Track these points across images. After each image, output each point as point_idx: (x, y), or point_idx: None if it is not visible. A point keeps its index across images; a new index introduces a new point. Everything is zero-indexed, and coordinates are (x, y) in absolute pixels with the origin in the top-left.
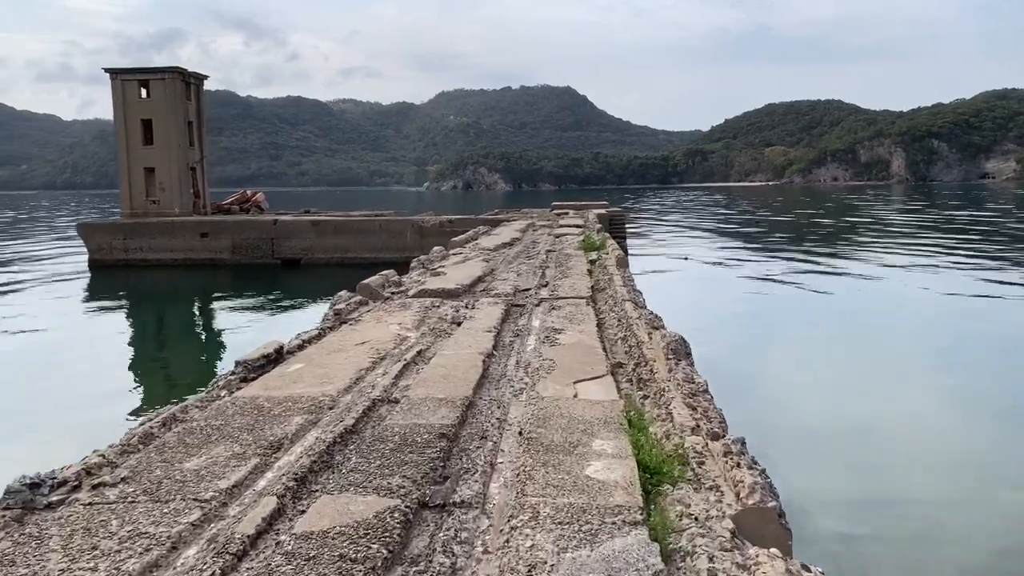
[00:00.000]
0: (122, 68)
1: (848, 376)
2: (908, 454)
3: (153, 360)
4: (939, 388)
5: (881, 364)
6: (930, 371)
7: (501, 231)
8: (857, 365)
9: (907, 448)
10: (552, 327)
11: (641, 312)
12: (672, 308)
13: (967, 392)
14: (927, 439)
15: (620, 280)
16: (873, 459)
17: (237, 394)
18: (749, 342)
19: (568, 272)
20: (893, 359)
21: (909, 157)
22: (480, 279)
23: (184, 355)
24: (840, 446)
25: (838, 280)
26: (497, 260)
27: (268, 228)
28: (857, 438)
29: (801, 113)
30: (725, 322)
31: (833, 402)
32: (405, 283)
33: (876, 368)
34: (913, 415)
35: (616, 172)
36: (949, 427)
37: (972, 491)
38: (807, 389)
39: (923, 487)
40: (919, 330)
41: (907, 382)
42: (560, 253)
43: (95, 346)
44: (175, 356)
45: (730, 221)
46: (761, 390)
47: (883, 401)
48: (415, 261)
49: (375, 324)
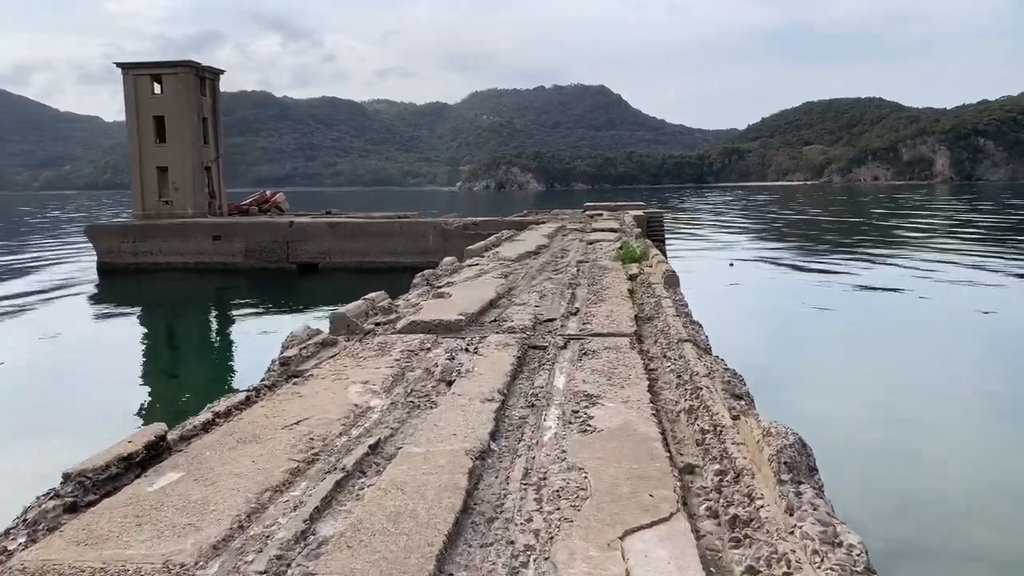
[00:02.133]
0: (134, 62)
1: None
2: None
3: (154, 376)
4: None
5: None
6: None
7: (527, 236)
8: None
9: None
10: (584, 392)
11: (710, 363)
12: (721, 320)
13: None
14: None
15: (672, 308)
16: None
17: (14, 561)
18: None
19: (604, 293)
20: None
21: (954, 156)
22: (492, 303)
23: (188, 372)
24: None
25: (921, 300)
26: (518, 275)
27: (283, 230)
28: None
29: (840, 111)
30: (780, 337)
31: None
32: (398, 308)
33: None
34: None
35: (650, 171)
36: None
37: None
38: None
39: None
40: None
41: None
42: (594, 265)
43: (94, 360)
44: (179, 372)
45: (777, 221)
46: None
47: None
48: (418, 276)
49: (332, 382)
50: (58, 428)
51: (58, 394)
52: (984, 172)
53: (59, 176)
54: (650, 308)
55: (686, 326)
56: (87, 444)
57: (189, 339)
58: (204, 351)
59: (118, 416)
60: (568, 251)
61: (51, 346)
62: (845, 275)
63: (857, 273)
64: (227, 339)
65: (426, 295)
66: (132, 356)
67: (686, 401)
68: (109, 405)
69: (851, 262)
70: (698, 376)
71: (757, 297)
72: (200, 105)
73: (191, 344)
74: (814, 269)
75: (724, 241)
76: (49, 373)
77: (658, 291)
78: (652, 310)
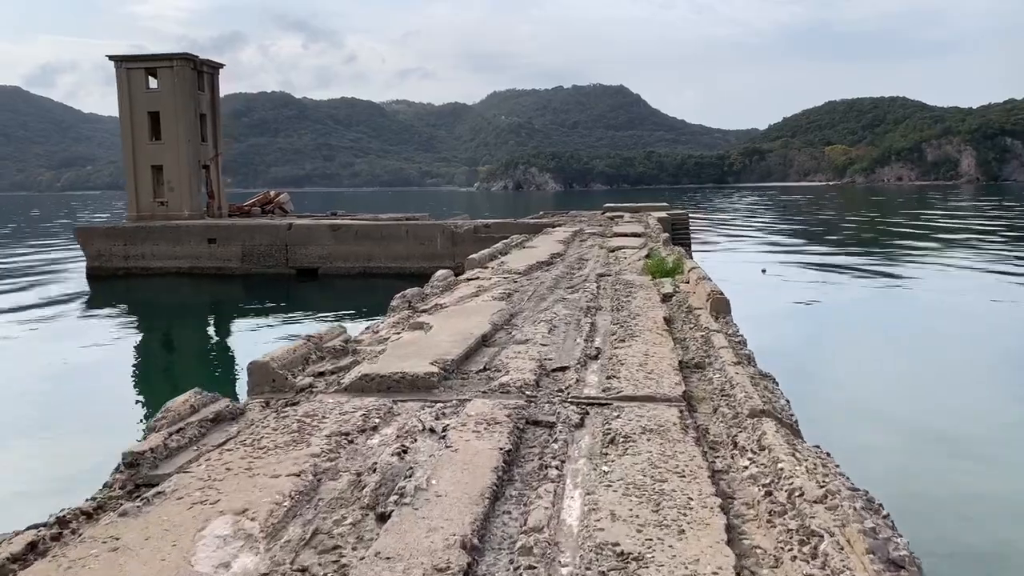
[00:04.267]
0: (126, 55)
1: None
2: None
3: (137, 389)
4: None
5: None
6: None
7: (539, 242)
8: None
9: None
10: (613, 544)
11: (815, 465)
12: (759, 335)
13: None
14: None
15: (729, 351)
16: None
17: None
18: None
19: (633, 324)
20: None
21: (980, 156)
22: (486, 339)
23: (174, 386)
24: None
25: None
26: (524, 293)
27: (282, 233)
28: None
29: (863, 111)
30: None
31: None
32: (358, 346)
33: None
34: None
35: (670, 171)
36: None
37: None
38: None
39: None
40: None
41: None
42: (617, 280)
43: (75, 372)
44: (165, 386)
45: (809, 223)
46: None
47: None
48: (397, 298)
49: (187, 512)
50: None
51: (35, 408)
52: (1011, 172)
53: (81, 176)
54: (697, 348)
55: (755, 382)
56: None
57: (177, 350)
58: (192, 363)
59: (87, 433)
60: (586, 261)
61: (32, 356)
62: (896, 282)
63: (909, 280)
64: (217, 351)
65: (402, 325)
66: (115, 368)
67: (793, 544)
68: (84, 420)
69: (902, 267)
70: (804, 501)
71: (799, 311)
72: (198, 100)
73: (179, 355)
74: (862, 273)
75: (753, 244)
76: (25, 386)
77: (704, 321)
78: (700, 351)
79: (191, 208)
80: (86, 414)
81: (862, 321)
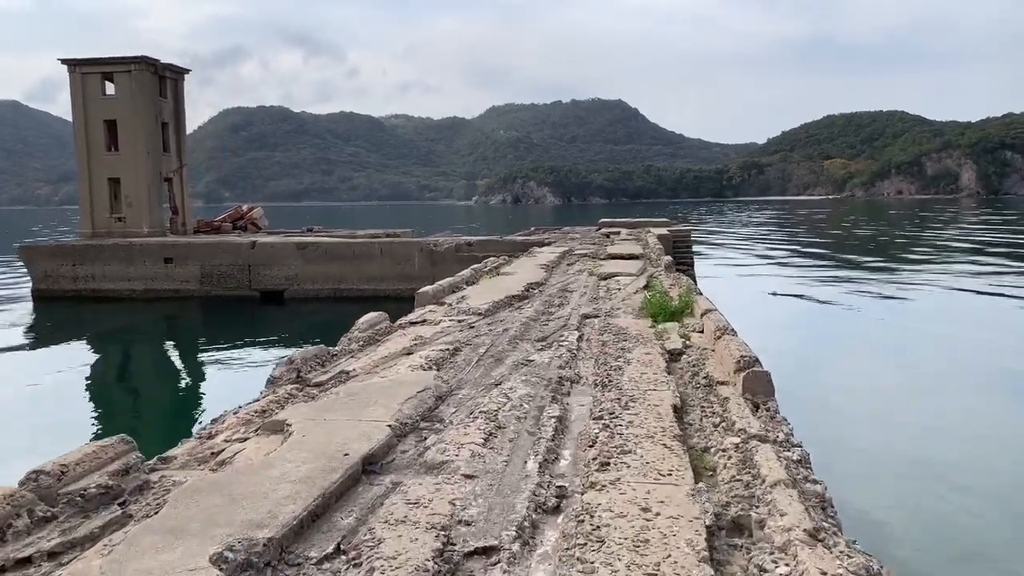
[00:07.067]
0: (81, 59)
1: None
2: None
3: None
4: None
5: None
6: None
7: (518, 267)
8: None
9: None
10: None
11: None
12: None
13: None
14: None
15: (793, 496)
16: None
17: None
18: None
19: (625, 422)
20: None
21: (980, 170)
22: (370, 464)
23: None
24: None
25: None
26: (476, 350)
27: (244, 252)
28: None
29: (862, 124)
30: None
31: None
32: (151, 483)
33: None
34: None
35: (668, 185)
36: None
37: None
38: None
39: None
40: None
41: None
42: (607, 326)
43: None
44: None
45: (817, 240)
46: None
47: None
48: (284, 363)
49: None
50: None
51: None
52: (1012, 186)
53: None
54: (731, 477)
55: (840, 564)
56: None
57: (115, 384)
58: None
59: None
60: (570, 293)
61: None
62: (920, 305)
63: (938, 302)
64: (167, 383)
65: (257, 422)
66: (55, 403)
67: None
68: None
69: (929, 290)
70: None
71: (815, 341)
72: (159, 108)
73: (116, 391)
74: (884, 297)
75: (759, 264)
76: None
77: (735, 412)
78: (736, 483)
79: (151, 224)
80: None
81: (902, 357)
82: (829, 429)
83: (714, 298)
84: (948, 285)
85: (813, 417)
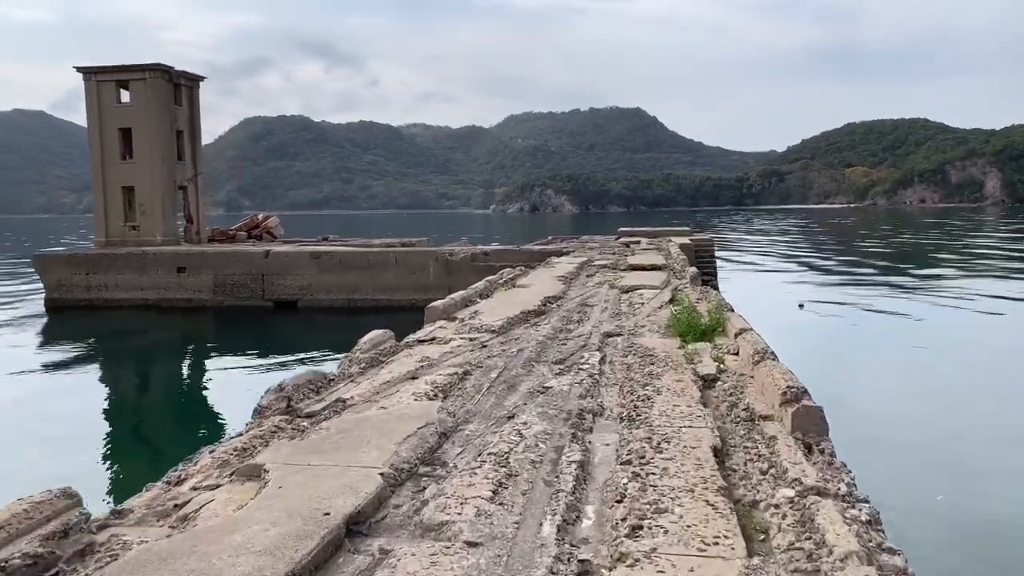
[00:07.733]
0: (96, 66)
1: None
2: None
3: (87, 441)
4: None
5: None
6: None
7: (535, 279)
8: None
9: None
10: None
11: None
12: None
13: None
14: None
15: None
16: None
17: None
18: None
19: (657, 471)
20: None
21: (1006, 177)
22: (355, 524)
23: (126, 438)
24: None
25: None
26: (487, 375)
27: (257, 261)
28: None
29: (884, 132)
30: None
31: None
32: (96, 548)
33: None
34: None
35: (688, 193)
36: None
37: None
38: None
39: None
40: None
41: None
42: (631, 346)
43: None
44: (118, 438)
45: (848, 249)
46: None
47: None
48: (273, 391)
49: None
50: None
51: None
52: None
53: None
54: (786, 542)
55: None
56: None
57: (127, 397)
58: (141, 413)
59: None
60: (590, 309)
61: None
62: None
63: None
64: (174, 397)
65: (220, 471)
66: (66, 414)
67: None
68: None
69: (970, 302)
70: None
71: (852, 356)
72: (174, 116)
73: (127, 403)
74: (919, 307)
75: (784, 274)
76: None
77: (784, 456)
78: (794, 550)
79: (164, 233)
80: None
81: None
82: (885, 472)
83: (740, 309)
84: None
85: (861, 454)
